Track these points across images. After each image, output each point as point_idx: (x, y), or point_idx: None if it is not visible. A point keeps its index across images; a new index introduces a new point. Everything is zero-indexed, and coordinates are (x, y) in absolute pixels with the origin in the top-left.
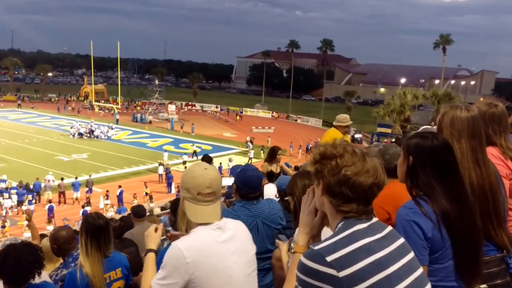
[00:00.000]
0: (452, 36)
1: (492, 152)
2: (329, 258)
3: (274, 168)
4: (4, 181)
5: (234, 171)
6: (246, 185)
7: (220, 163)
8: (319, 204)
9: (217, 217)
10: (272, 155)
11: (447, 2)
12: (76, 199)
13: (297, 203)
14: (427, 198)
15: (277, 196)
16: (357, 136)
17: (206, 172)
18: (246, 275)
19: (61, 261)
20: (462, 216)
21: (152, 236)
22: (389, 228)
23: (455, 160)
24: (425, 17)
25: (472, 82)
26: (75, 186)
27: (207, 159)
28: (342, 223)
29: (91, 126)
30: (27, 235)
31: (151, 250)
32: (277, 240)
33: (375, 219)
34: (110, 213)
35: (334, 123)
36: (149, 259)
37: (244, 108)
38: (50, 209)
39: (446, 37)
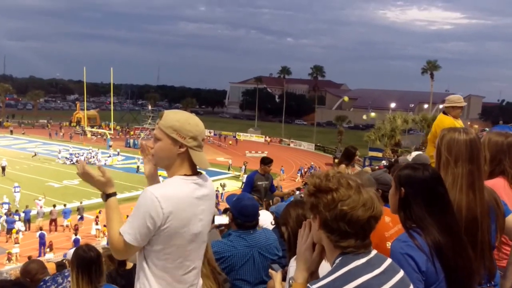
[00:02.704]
0: (439, 61)
1: (499, 183)
2: None
3: (350, 171)
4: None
5: (230, 200)
6: (243, 214)
7: (217, 189)
8: (316, 238)
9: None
10: (349, 155)
11: (432, 30)
12: (67, 226)
13: (291, 234)
14: (420, 230)
15: (273, 223)
16: None
17: (199, 119)
18: (205, 233)
19: None
20: (455, 249)
21: (105, 181)
22: (388, 261)
23: (446, 191)
24: (412, 43)
25: None
26: (65, 214)
27: (267, 161)
28: (340, 258)
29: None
30: (8, 267)
31: (112, 194)
32: (270, 270)
33: (374, 252)
34: (104, 242)
35: (446, 105)
36: (113, 204)
37: (237, 133)
38: (41, 237)
39: (433, 63)
